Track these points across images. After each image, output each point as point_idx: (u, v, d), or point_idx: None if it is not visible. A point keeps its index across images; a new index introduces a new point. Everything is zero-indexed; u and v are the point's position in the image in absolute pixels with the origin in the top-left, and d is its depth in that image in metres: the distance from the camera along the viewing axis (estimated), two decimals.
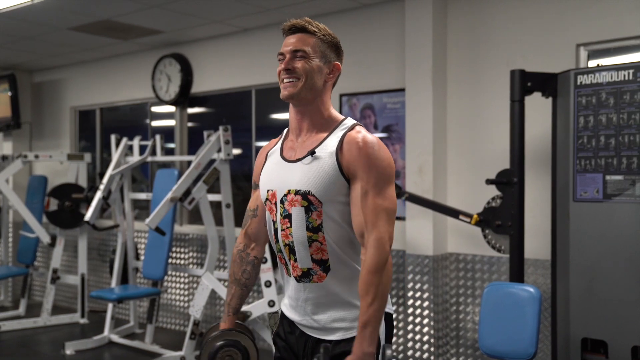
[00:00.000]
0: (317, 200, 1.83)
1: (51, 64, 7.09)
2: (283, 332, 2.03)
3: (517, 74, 3.48)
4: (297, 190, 1.85)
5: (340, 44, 1.97)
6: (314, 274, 1.88)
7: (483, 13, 4.21)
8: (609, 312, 3.12)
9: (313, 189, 1.83)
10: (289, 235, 1.88)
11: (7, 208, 6.77)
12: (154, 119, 6.46)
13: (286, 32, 1.93)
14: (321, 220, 1.84)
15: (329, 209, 1.83)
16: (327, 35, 1.92)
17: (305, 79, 1.87)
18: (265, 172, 1.99)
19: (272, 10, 4.85)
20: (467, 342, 4.29)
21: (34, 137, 7.44)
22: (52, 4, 4.74)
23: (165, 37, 5.75)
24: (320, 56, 1.90)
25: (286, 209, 1.88)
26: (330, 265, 1.86)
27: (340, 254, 1.86)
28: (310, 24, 1.90)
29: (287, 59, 1.89)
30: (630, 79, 3.09)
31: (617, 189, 3.11)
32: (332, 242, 1.85)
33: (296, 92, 1.87)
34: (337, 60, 1.96)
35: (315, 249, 1.85)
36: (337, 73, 1.95)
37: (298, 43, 1.88)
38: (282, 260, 1.97)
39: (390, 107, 4.62)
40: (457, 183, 4.32)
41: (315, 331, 1.92)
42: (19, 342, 5.61)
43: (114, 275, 5.61)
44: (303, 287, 1.91)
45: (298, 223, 1.85)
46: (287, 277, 1.97)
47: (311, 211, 1.84)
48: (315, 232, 1.84)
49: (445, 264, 4.33)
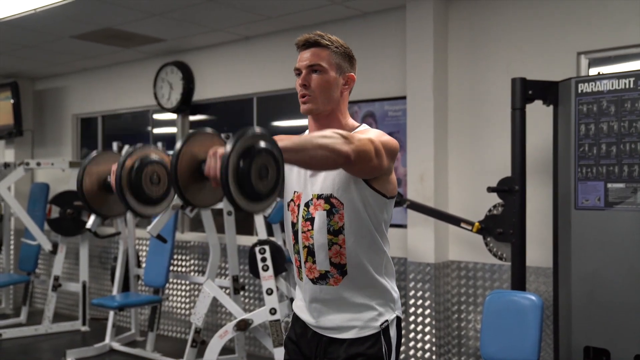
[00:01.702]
0: (339, 202, 1.88)
1: (53, 71, 7.11)
2: (295, 335, 2.06)
3: (518, 82, 3.49)
4: (319, 194, 1.91)
5: (353, 52, 2.02)
6: (331, 277, 1.92)
7: (484, 21, 4.22)
8: (611, 320, 3.12)
9: (334, 191, 1.88)
10: (310, 237, 1.93)
11: (8, 215, 6.77)
12: (156, 126, 6.47)
13: (300, 47, 1.98)
14: (342, 222, 1.88)
15: (350, 210, 1.87)
16: (339, 47, 1.97)
17: (321, 94, 1.93)
18: (293, 173, 2.03)
19: (274, 18, 4.87)
20: (468, 350, 4.28)
21: (36, 145, 7.45)
22: (54, 13, 4.76)
23: (167, 45, 5.76)
24: (335, 69, 1.95)
25: (310, 212, 1.93)
26: (347, 269, 1.90)
27: (358, 259, 1.90)
28: (322, 37, 1.95)
29: (303, 74, 1.94)
30: (631, 87, 3.09)
31: (619, 197, 3.11)
32: (351, 246, 1.89)
33: (315, 107, 1.94)
34: (351, 70, 2.02)
35: (335, 252, 1.90)
36: (352, 83, 2.02)
37: (313, 58, 1.93)
38: (297, 263, 2.00)
39: (391, 114, 4.63)
40: (459, 191, 4.32)
41: (328, 331, 1.96)
42: (20, 350, 5.60)
43: (115, 283, 5.61)
44: (319, 289, 1.94)
45: (320, 226, 1.90)
46: (299, 280, 2.01)
47: (333, 214, 1.89)
48: (336, 235, 1.89)
49: (447, 272, 4.32)
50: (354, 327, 1.92)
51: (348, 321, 1.93)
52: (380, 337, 1.91)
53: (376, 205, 1.90)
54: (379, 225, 1.93)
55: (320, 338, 1.98)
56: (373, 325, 1.92)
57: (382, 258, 1.95)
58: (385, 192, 1.90)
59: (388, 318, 1.94)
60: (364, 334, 1.91)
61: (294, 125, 5.42)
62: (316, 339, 1.98)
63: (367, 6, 4.57)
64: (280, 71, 5.22)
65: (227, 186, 1.44)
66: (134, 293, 5.58)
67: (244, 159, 1.48)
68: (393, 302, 1.97)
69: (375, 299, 1.93)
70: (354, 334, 1.92)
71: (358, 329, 1.92)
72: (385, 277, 1.96)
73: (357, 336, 1.91)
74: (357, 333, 1.92)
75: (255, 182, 1.49)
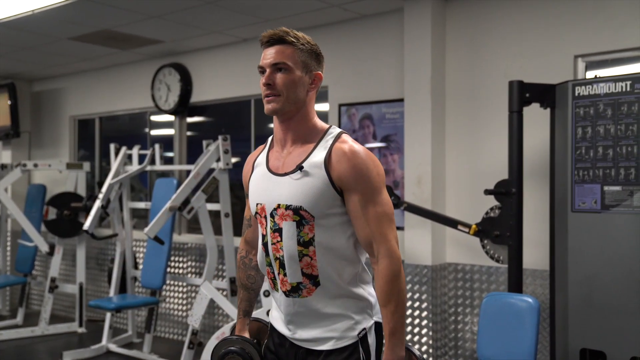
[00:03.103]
0: (309, 215, 1.82)
1: (51, 73, 7.11)
2: (273, 345, 2.01)
3: (516, 84, 3.50)
4: (287, 205, 1.83)
5: (320, 49, 1.92)
6: (304, 288, 1.86)
7: (482, 24, 4.23)
8: (607, 322, 3.12)
9: (305, 204, 1.81)
10: (280, 249, 1.87)
11: (5, 217, 6.76)
12: (153, 128, 6.47)
13: (264, 44, 1.87)
14: (313, 234, 1.82)
15: (322, 222, 1.83)
16: (306, 44, 1.86)
17: (287, 93, 1.83)
18: (253, 184, 1.97)
19: (271, 20, 4.87)
20: (465, 352, 4.28)
21: (33, 146, 7.44)
22: (52, 14, 4.75)
23: (164, 47, 5.77)
24: (301, 67, 1.85)
25: (276, 222, 1.86)
26: (320, 280, 1.85)
27: (330, 271, 1.84)
28: (288, 34, 1.84)
29: (267, 73, 1.84)
30: (628, 90, 3.10)
31: (615, 200, 3.12)
32: (322, 258, 1.83)
33: (279, 107, 1.84)
34: (319, 69, 1.91)
35: (306, 263, 1.84)
36: (319, 82, 1.91)
37: (277, 55, 1.83)
38: (269, 275, 1.95)
39: (389, 117, 4.63)
40: (456, 193, 4.33)
41: (305, 342, 1.91)
42: (16, 352, 5.59)
43: (112, 285, 5.60)
44: (292, 302, 1.89)
45: (289, 237, 1.84)
46: (275, 291, 1.97)
47: (303, 225, 1.82)
48: (306, 247, 1.83)
49: (444, 274, 4.33)
50: (331, 339, 1.86)
51: (324, 332, 1.87)
52: (359, 347, 1.85)
53: (349, 218, 1.85)
54: (352, 235, 1.87)
55: (298, 349, 1.92)
56: (350, 335, 1.86)
57: (356, 268, 1.89)
58: None
59: (366, 326, 1.87)
60: (341, 344, 1.85)
61: None
62: (294, 349, 1.93)
63: (365, 9, 4.57)
64: None
65: None
66: (131, 295, 5.57)
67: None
68: (370, 308, 1.90)
69: (351, 308, 1.87)
70: (330, 345, 1.86)
71: (335, 340, 1.86)
72: (361, 285, 1.90)
73: (334, 347, 1.86)
74: (334, 344, 1.86)
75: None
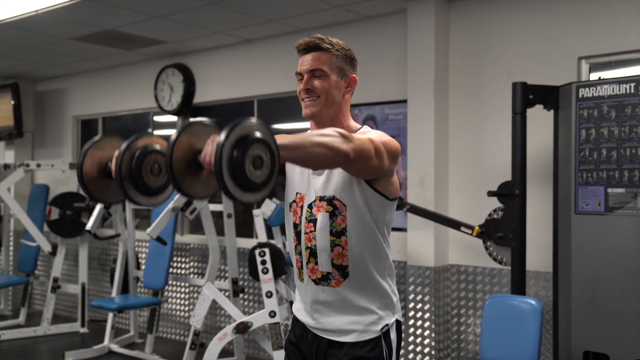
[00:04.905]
0: (342, 204, 1.88)
1: (54, 73, 7.12)
2: (295, 337, 2.06)
3: (519, 86, 3.49)
4: (322, 196, 1.91)
5: (354, 53, 2.01)
6: (332, 278, 1.92)
7: (485, 25, 4.23)
8: (611, 324, 3.12)
9: (337, 193, 1.89)
10: (312, 239, 1.93)
11: (8, 216, 6.77)
12: (157, 128, 6.47)
13: (300, 51, 1.97)
14: (345, 224, 1.89)
15: (353, 212, 1.88)
16: (340, 49, 1.96)
17: (324, 98, 1.93)
18: (296, 174, 2.02)
19: (275, 21, 4.88)
20: (468, 354, 4.27)
21: (36, 146, 7.45)
22: (55, 14, 4.76)
23: (168, 48, 5.77)
24: (336, 72, 1.94)
25: (313, 213, 1.93)
26: (349, 271, 1.91)
27: (360, 261, 1.90)
28: (323, 41, 1.94)
29: (305, 79, 1.93)
30: (632, 92, 3.10)
31: (619, 202, 3.11)
32: (353, 248, 1.89)
33: (318, 111, 1.93)
34: (353, 72, 2.01)
35: (337, 253, 1.90)
36: (354, 85, 2.01)
37: (314, 62, 1.93)
38: (298, 264, 1.99)
39: (392, 118, 4.63)
40: (459, 195, 4.32)
41: (329, 333, 1.96)
42: (18, 351, 5.59)
43: (114, 285, 5.60)
44: (321, 290, 1.94)
45: (322, 227, 1.90)
46: (300, 282, 2.00)
47: (335, 216, 1.89)
48: (338, 237, 1.89)
49: (447, 276, 4.32)
50: (355, 331, 1.92)
51: (348, 324, 1.92)
52: (381, 341, 1.91)
53: (378, 207, 1.90)
54: (381, 227, 1.93)
55: (320, 340, 1.97)
56: (373, 330, 1.91)
57: (384, 260, 1.95)
58: (387, 194, 1.90)
59: (388, 322, 1.94)
60: (365, 337, 1.91)
61: (294, 128, 5.42)
62: (316, 341, 1.98)
63: (368, 10, 4.57)
64: (281, 74, 5.22)
65: (220, 174, 1.42)
66: (133, 295, 5.58)
67: (238, 147, 1.45)
68: (393, 306, 1.97)
69: (375, 303, 1.93)
70: (354, 338, 1.91)
71: (358, 333, 1.91)
72: (387, 279, 1.97)
73: (358, 340, 1.91)
74: (358, 337, 1.91)
75: (249, 172, 1.46)
